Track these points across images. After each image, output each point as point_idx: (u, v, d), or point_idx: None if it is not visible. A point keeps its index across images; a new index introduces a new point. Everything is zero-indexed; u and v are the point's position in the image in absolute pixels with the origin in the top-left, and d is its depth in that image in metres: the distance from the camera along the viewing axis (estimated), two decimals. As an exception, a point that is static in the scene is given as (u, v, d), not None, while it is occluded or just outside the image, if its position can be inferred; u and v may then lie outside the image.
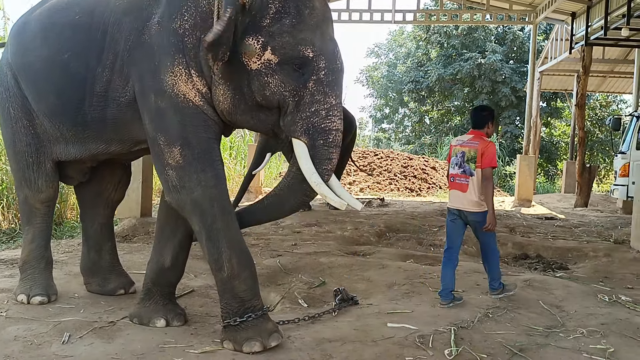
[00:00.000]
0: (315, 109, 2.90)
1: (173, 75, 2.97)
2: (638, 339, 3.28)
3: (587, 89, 13.22)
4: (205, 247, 3.02)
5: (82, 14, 3.35)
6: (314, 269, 4.93)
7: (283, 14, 2.84)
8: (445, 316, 3.58)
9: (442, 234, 7.22)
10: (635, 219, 6.69)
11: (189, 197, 2.98)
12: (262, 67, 2.86)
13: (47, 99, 3.47)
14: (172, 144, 2.99)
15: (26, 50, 3.54)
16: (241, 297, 3.01)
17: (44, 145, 3.62)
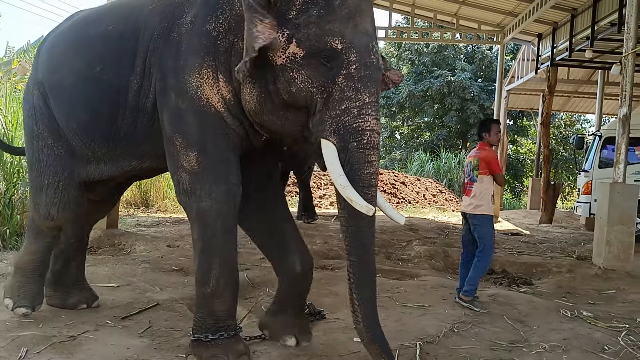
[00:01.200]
0: (346, 106, 2.59)
1: (199, 77, 2.85)
2: (598, 354, 3.35)
3: (552, 108, 13.55)
4: (197, 257, 2.95)
5: (115, 23, 3.23)
6: (282, 282, 4.89)
7: (310, 5, 2.61)
8: (411, 331, 3.60)
9: (410, 249, 7.28)
10: (597, 236, 6.86)
11: (196, 204, 2.89)
12: (287, 61, 2.62)
13: (79, 116, 3.32)
14: (189, 148, 2.87)
15: (57, 66, 3.40)
16: (218, 315, 2.95)
17: (68, 166, 3.44)
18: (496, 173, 4.39)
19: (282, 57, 2.62)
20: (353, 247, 2.70)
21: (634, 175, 9.11)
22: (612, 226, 6.52)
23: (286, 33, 2.61)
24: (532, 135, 23.20)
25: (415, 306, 4.24)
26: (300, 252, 3.26)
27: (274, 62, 2.65)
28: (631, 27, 6.64)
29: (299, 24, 2.61)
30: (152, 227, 8.37)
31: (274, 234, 3.29)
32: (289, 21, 2.62)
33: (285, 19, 2.63)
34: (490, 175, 4.39)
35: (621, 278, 6.00)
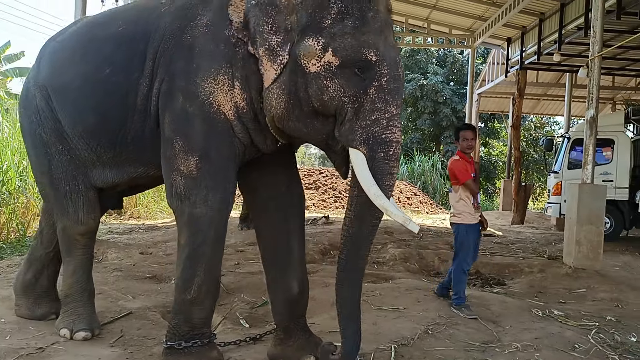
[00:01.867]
0: (376, 117, 2.61)
1: (214, 83, 2.80)
2: (569, 352, 3.41)
3: (522, 110, 13.81)
4: (182, 263, 2.89)
5: (125, 25, 3.16)
6: (257, 288, 4.87)
7: (345, 15, 2.61)
8: (386, 334, 3.61)
9: (384, 251, 7.32)
10: (566, 235, 6.99)
11: (189, 209, 2.84)
12: (321, 69, 2.60)
13: (86, 119, 3.22)
14: (189, 152, 2.82)
15: (63, 69, 3.31)
16: (194, 323, 2.91)
17: (79, 170, 3.36)
18: (462, 182, 4.44)
19: (316, 65, 2.61)
20: (346, 247, 2.74)
21: (601, 175, 9.33)
22: (582, 226, 6.66)
23: (321, 41, 2.60)
24: (503, 137, 23.56)
25: (390, 309, 4.25)
26: (300, 274, 3.19)
27: (307, 70, 2.63)
28: (597, 31, 6.80)
29: (335, 33, 2.60)
30: (124, 234, 8.26)
31: (279, 248, 3.20)
32: (324, 29, 2.62)
33: (319, 27, 2.62)
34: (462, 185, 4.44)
35: (591, 277, 6.13)
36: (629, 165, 9.71)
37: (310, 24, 2.63)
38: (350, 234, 2.71)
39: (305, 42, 2.61)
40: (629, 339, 3.85)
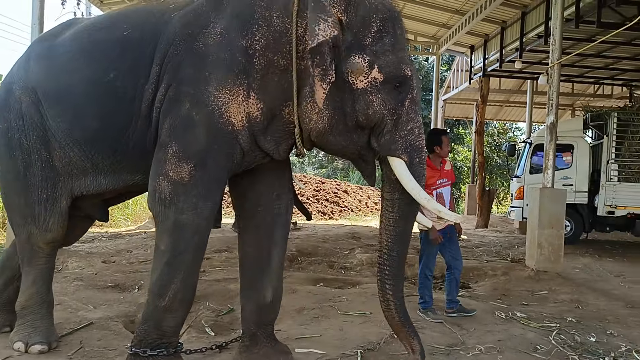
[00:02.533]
0: (411, 127, 2.84)
1: (229, 94, 2.78)
2: (531, 353, 3.48)
3: (485, 116, 14.09)
4: (159, 268, 2.84)
5: (131, 28, 3.06)
6: (222, 295, 4.83)
7: (384, 33, 2.78)
8: (352, 339, 3.62)
9: (352, 257, 7.34)
10: (529, 239, 7.15)
11: (175, 215, 2.79)
12: (368, 85, 2.74)
13: (87, 125, 3.08)
14: (184, 159, 2.78)
15: (62, 73, 3.16)
16: (164, 331, 2.88)
17: (62, 179, 3.22)
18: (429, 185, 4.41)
19: (364, 81, 2.74)
20: (396, 245, 2.93)
21: (561, 180, 9.57)
22: (543, 229, 6.82)
23: (367, 59, 2.74)
24: (468, 143, 23.93)
25: (357, 314, 4.27)
26: (275, 282, 3.23)
27: (355, 86, 2.75)
28: (556, 39, 6.99)
29: (377, 50, 2.75)
30: (86, 242, 8.07)
31: (259, 255, 3.19)
32: (367, 47, 2.75)
33: (362, 45, 2.75)
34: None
35: (552, 279, 6.28)
36: (587, 169, 9.98)
37: (354, 43, 2.75)
38: (397, 233, 2.92)
39: (353, 60, 2.72)
40: (589, 339, 3.95)
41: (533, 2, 10.21)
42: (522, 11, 10.59)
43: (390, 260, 2.93)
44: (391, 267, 2.93)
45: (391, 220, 2.92)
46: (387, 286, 2.94)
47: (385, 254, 2.94)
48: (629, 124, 9.61)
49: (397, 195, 2.89)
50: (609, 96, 16.83)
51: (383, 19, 2.78)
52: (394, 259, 2.93)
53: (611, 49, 11.29)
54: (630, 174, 9.65)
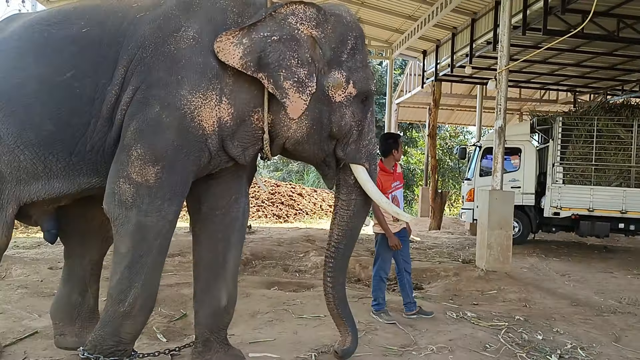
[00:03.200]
0: (370, 137, 3.12)
1: (202, 98, 2.75)
2: (480, 352, 3.56)
3: (437, 120, 14.36)
4: (118, 272, 2.74)
5: (89, 26, 2.91)
6: (175, 301, 4.74)
7: (356, 50, 2.99)
8: (307, 342, 3.62)
9: (307, 260, 7.35)
10: (479, 240, 7.33)
11: (137, 218, 2.72)
12: (344, 99, 2.95)
13: (39, 127, 2.89)
14: (150, 162, 2.71)
15: (10, 71, 2.95)
16: (122, 337, 2.82)
17: (8, 187, 2.98)
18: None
19: (341, 95, 2.95)
20: (345, 239, 3.17)
21: (510, 182, 9.85)
22: (492, 230, 7.00)
23: (344, 74, 2.94)
24: (421, 146, 24.35)
25: (311, 317, 4.27)
26: (230, 287, 3.20)
27: (334, 99, 2.93)
28: (504, 45, 7.21)
29: (351, 67, 2.96)
30: (32, 248, 7.78)
31: (214, 259, 3.15)
32: (343, 63, 2.95)
33: (339, 61, 2.94)
34: None
35: (501, 279, 6.46)
36: (534, 172, 10.31)
37: (334, 58, 2.92)
38: (349, 228, 3.16)
39: (334, 75, 2.91)
40: (536, 337, 4.08)
41: (482, 10, 10.50)
42: (472, 18, 10.88)
43: (336, 253, 3.16)
44: (336, 259, 3.16)
45: (345, 217, 3.15)
46: (329, 279, 3.16)
47: (333, 247, 3.16)
48: (572, 129, 9.97)
49: (353, 196, 3.13)
50: (555, 101, 17.48)
51: (355, 36, 2.99)
52: (340, 252, 3.16)
53: (556, 55, 11.74)
54: (575, 177, 10.02)
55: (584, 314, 5.11)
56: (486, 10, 10.33)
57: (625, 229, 9.87)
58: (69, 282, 3.45)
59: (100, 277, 3.55)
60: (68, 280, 3.46)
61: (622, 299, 5.97)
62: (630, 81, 13.43)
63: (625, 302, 5.84)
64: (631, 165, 9.74)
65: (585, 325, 4.67)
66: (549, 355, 3.68)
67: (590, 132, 9.87)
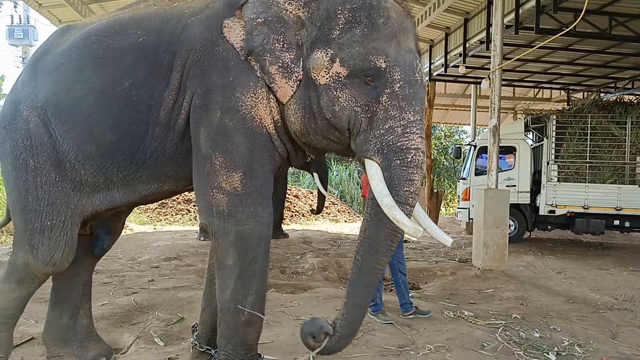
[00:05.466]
0: (390, 125, 2.54)
1: (255, 97, 2.70)
2: (478, 351, 3.57)
3: (432, 120, 14.39)
4: (231, 285, 2.74)
5: (146, 35, 2.89)
6: (172, 304, 4.73)
7: (354, 24, 2.58)
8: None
9: (303, 261, 7.34)
10: (475, 239, 7.35)
11: (235, 227, 2.70)
12: (330, 81, 2.58)
13: (101, 138, 2.88)
14: (232, 169, 2.68)
15: (71, 85, 2.92)
16: (250, 344, 2.85)
17: (73, 203, 2.98)
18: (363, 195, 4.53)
19: (325, 76, 2.59)
20: (362, 248, 2.67)
21: (505, 181, 9.89)
22: (488, 229, 7.02)
23: (329, 52, 2.59)
24: (416, 146, 24.35)
25: (309, 318, 4.25)
26: None
27: (318, 82, 2.61)
28: (497, 44, 7.23)
29: (342, 43, 2.58)
30: (27, 254, 7.74)
31: None
32: (332, 41, 2.60)
33: (328, 39, 2.61)
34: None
35: (497, 277, 6.48)
36: (529, 170, 10.35)
37: (320, 37, 2.63)
38: (366, 236, 2.66)
39: (314, 55, 2.61)
40: (533, 335, 4.10)
41: (475, 9, 10.53)
42: (465, 18, 10.91)
43: (355, 263, 2.74)
44: (353, 271, 2.75)
45: (364, 223, 2.73)
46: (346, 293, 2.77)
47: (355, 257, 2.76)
48: (566, 126, 10.01)
49: (371, 195, 2.67)
50: (548, 99, 17.54)
51: (353, 9, 2.60)
52: (357, 264, 2.70)
53: (549, 54, 11.79)
54: (569, 174, 10.06)
55: (580, 311, 5.13)
56: (479, 10, 10.36)
57: (621, 226, 9.91)
58: (58, 305, 3.42)
59: (90, 294, 3.56)
60: (57, 304, 3.43)
61: (618, 296, 6.00)
62: (623, 79, 13.49)
63: (622, 299, 5.87)
64: (625, 162, 9.80)
65: (581, 322, 4.69)
66: (547, 353, 3.70)
67: (584, 129, 9.92)
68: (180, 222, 12.56)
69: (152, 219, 12.82)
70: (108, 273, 6.13)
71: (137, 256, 7.45)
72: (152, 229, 11.12)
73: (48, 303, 3.46)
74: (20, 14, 24.24)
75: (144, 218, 12.78)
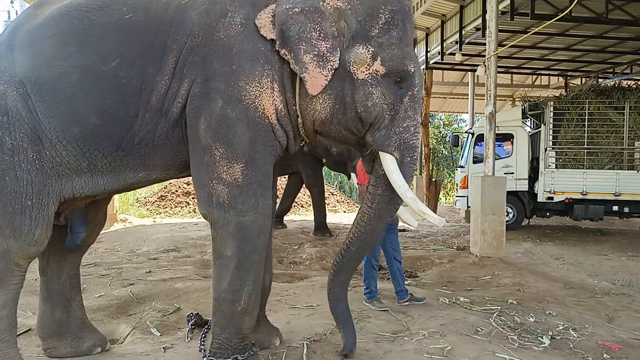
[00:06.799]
0: (407, 124, 2.83)
1: (259, 87, 2.70)
2: (471, 335, 3.58)
3: (430, 109, 14.36)
4: (229, 275, 2.78)
5: (133, 12, 2.78)
6: (168, 295, 4.74)
7: (392, 26, 2.75)
8: (299, 331, 3.63)
9: (301, 251, 7.36)
10: (472, 226, 7.35)
11: (235, 218, 2.73)
12: (369, 77, 2.74)
13: (85, 120, 2.75)
14: (233, 159, 2.69)
15: (51, 61, 2.76)
16: (244, 334, 2.90)
17: (50, 182, 2.82)
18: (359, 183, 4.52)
19: (365, 72, 2.74)
20: (359, 241, 2.99)
21: (503, 168, 9.88)
22: (486, 216, 7.02)
23: (371, 50, 2.73)
24: (415, 135, 24.34)
25: (304, 307, 4.28)
26: (270, 270, 3.46)
27: (356, 76, 2.74)
28: (492, 31, 7.20)
29: (382, 43, 2.74)
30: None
31: None
32: (372, 39, 2.74)
33: (368, 36, 2.74)
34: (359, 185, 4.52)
35: (495, 264, 6.48)
36: (527, 157, 10.32)
37: (360, 32, 2.74)
38: (366, 230, 2.95)
39: (356, 50, 2.73)
40: (528, 320, 4.11)
41: (471, -4, 10.50)
42: (461, 5, 10.87)
43: (346, 252, 3.03)
44: (343, 258, 3.03)
45: (366, 217, 2.96)
46: (330, 275, 3.12)
47: (345, 245, 3.04)
48: (564, 113, 9.98)
49: (379, 191, 2.91)
50: (547, 86, 17.50)
51: (392, 10, 2.76)
52: (350, 254, 3.02)
53: (546, 40, 11.74)
54: (567, 161, 10.05)
55: (577, 296, 5.14)
56: (475, -3, 10.33)
57: (620, 211, 9.90)
58: (49, 300, 3.37)
59: (80, 286, 3.53)
60: (48, 299, 3.37)
61: (616, 281, 6.01)
62: (622, 63, 13.45)
63: (619, 284, 5.88)
64: (624, 147, 9.77)
65: (578, 307, 4.70)
66: (541, 337, 3.70)
67: (581, 115, 9.89)
68: (180, 215, 12.57)
69: (152, 211, 12.84)
70: (106, 265, 6.14)
71: (136, 249, 7.46)
72: (152, 222, 11.14)
73: (39, 299, 3.43)
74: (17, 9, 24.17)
75: (143, 211, 12.80)
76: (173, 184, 13.97)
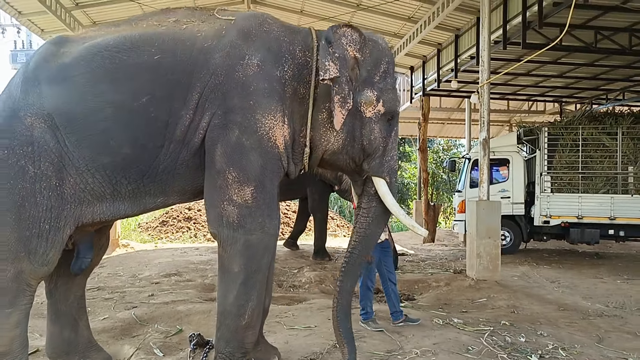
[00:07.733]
0: (393, 154, 3.46)
1: (274, 120, 3.09)
2: (462, 354, 3.70)
3: (428, 134, 14.56)
4: (235, 289, 3.03)
5: (161, 54, 3.07)
6: (171, 317, 4.87)
7: (387, 74, 3.37)
8: (297, 351, 3.76)
9: (301, 275, 7.47)
10: (468, 250, 7.48)
11: (244, 237, 3.02)
12: (373, 115, 3.31)
13: (117, 151, 3.01)
14: (245, 183, 3.02)
15: (84, 96, 3.01)
16: (247, 348, 3.12)
17: (69, 207, 3.02)
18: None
19: (371, 111, 3.31)
20: (360, 245, 3.41)
21: (500, 192, 10.05)
22: (481, 240, 7.16)
23: (375, 94, 3.31)
24: (414, 160, 24.53)
25: (302, 327, 4.41)
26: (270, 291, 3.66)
27: (365, 115, 3.30)
28: (484, 60, 7.44)
29: (382, 88, 3.33)
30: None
31: None
32: (375, 84, 3.32)
33: (372, 82, 3.32)
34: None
35: (491, 287, 6.59)
36: (523, 182, 10.48)
37: (367, 79, 3.30)
38: (366, 235, 3.42)
39: (367, 94, 3.29)
40: (519, 340, 4.23)
41: (465, 26, 10.76)
42: (456, 34, 11.13)
43: (350, 257, 3.39)
44: (348, 263, 3.37)
45: (364, 224, 3.42)
46: (337, 282, 3.38)
47: (348, 252, 3.41)
48: (558, 138, 10.17)
49: (374, 204, 3.42)
50: (542, 112, 17.72)
51: (388, 62, 3.38)
52: (354, 257, 3.39)
53: (539, 67, 11.99)
54: (562, 185, 10.19)
55: (569, 317, 5.24)
56: (469, 27, 10.59)
57: (615, 235, 9.99)
58: (57, 321, 3.54)
59: (86, 307, 3.70)
60: (56, 320, 3.54)
61: (609, 303, 6.10)
62: (614, 90, 13.69)
63: (613, 306, 5.97)
64: (617, 172, 9.92)
65: (569, 328, 4.81)
66: (530, 356, 3.82)
67: (575, 141, 10.08)
68: (181, 240, 12.69)
69: (154, 237, 12.96)
70: (109, 289, 6.27)
71: (138, 273, 7.59)
72: (154, 247, 11.26)
73: (46, 320, 3.57)
74: (24, 39, 24.65)
75: (145, 237, 12.92)
76: (175, 210, 14.12)
